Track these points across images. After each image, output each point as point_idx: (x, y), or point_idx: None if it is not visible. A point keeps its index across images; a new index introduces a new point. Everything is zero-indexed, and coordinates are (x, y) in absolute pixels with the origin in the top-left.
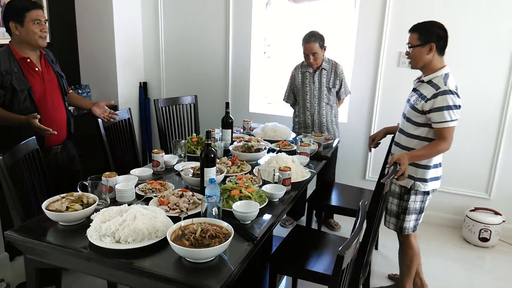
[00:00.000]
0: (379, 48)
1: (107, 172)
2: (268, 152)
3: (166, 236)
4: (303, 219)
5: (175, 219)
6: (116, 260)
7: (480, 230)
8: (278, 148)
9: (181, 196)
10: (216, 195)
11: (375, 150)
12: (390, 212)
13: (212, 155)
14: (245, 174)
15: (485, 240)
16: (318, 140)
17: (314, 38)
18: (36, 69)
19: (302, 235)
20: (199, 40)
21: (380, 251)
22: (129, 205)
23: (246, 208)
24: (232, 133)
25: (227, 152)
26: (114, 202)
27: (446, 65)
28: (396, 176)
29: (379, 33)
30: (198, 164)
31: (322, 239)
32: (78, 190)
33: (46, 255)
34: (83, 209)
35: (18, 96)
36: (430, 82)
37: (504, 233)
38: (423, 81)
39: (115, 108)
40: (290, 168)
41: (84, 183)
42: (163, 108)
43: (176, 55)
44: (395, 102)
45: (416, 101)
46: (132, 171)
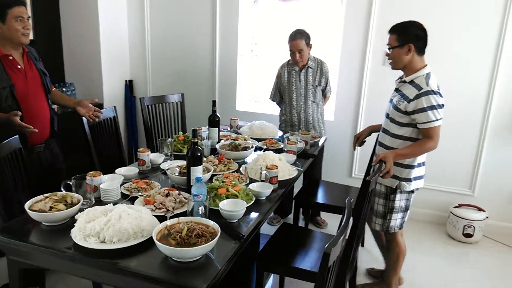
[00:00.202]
0: (365, 46)
1: (91, 171)
2: (255, 151)
3: (152, 236)
4: (290, 217)
5: (161, 219)
6: (101, 260)
7: (464, 226)
8: (265, 147)
9: (167, 195)
10: (203, 194)
11: (361, 147)
12: (376, 212)
13: (199, 154)
14: (232, 172)
15: (469, 236)
16: (305, 138)
17: (300, 35)
18: (19, 66)
19: (289, 233)
20: (186, 37)
21: (366, 248)
22: (114, 204)
23: (232, 207)
24: (219, 131)
25: (214, 151)
26: (99, 202)
27: (427, 64)
28: (382, 174)
29: (365, 31)
30: (184, 162)
31: (309, 236)
32: (62, 189)
33: (30, 256)
34: (67, 209)
35: (0, 94)
36: (412, 82)
37: (487, 229)
38: (405, 81)
39: (100, 106)
40: (277, 166)
41: (68, 182)
42: (149, 106)
43: (162, 52)
44: (380, 100)
45: (399, 101)
46: (117, 170)
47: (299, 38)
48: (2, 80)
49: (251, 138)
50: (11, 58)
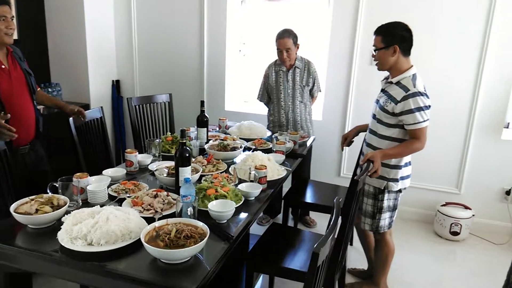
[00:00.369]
0: (352, 47)
1: (78, 173)
2: (244, 151)
3: (140, 238)
4: (280, 217)
5: (150, 220)
6: (89, 263)
7: (451, 224)
8: (254, 147)
9: (155, 196)
10: (191, 195)
11: (349, 147)
12: (365, 213)
13: (187, 154)
14: (220, 173)
15: (455, 234)
16: (293, 138)
17: (288, 34)
18: (3, 66)
19: (278, 233)
20: (173, 37)
21: (355, 247)
22: (101, 206)
23: (221, 207)
24: (207, 131)
25: (202, 151)
26: (86, 204)
27: (412, 65)
28: (369, 173)
29: (352, 32)
30: (172, 163)
31: (298, 236)
32: (48, 191)
33: (16, 260)
34: (53, 211)
35: None
36: (398, 83)
37: (474, 226)
38: (391, 82)
39: (86, 106)
40: (266, 166)
41: (54, 184)
42: (137, 107)
43: (150, 52)
44: (368, 100)
45: (386, 102)
46: (104, 172)
47: (286, 36)
48: None
49: (240, 138)
50: None
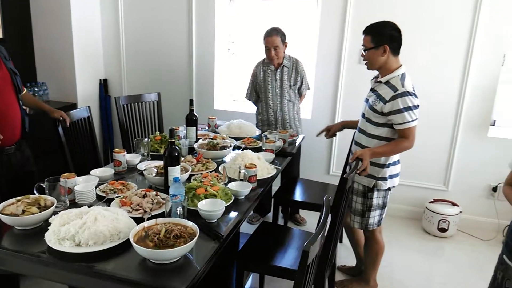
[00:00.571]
0: (341, 46)
1: (65, 173)
2: (233, 150)
3: (129, 238)
4: (270, 215)
5: (139, 220)
6: (77, 264)
7: (439, 221)
8: (244, 145)
9: (144, 196)
10: (181, 194)
11: (339, 145)
12: (354, 211)
13: (176, 154)
14: (210, 172)
15: (443, 230)
16: (283, 137)
17: (276, 32)
18: None
19: (268, 232)
20: (162, 35)
21: (344, 244)
22: (89, 207)
23: (211, 207)
24: (196, 130)
25: (192, 150)
26: (74, 204)
27: (401, 65)
28: (358, 171)
29: (341, 31)
30: (161, 163)
31: (289, 234)
32: (35, 192)
33: (2, 262)
34: (40, 212)
35: None
36: (387, 83)
37: (461, 223)
38: (380, 81)
39: (73, 106)
40: (255, 165)
41: (41, 185)
42: (125, 106)
43: (137, 51)
44: (357, 98)
45: (375, 102)
46: (92, 172)
47: (275, 34)
48: None
49: (230, 137)
50: None
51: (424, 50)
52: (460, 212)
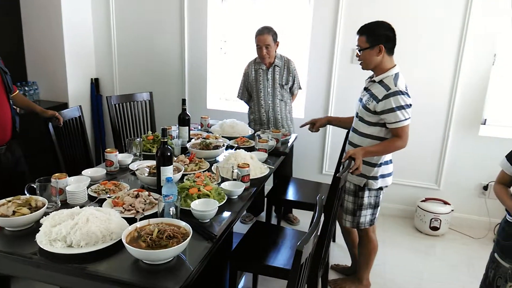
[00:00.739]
0: (333, 45)
1: (56, 173)
2: (226, 149)
3: (121, 239)
4: (263, 215)
5: (131, 221)
6: (69, 265)
7: (431, 219)
8: (237, 145)
9: (136, 196)
10: (174, 194)
11: (332, 144)
12: (346, 210)
13: (169, 153)
14: (203, 171)
15: (435, 229)
16: (276, 136)
17: (267, 31)
18: None
19: (262, 231)
20: (154, 34)
21: (338, 243)
22: (81, 207)
23: (204, 207)
24: (189, 130)
25: (184, 150)
26: (65, 205)
27: (395, 64)
28: (351, 170)
29: (333, 30)
30: (154, 162)
31: (282, 234)
32: (26, 193)
33: None
34: (31, 213)
35: None
36: (380, 82)
37: (453, 221)
38: (374, 81)
39: (65, 105)
40: (248, 164)
41: (32, 185)
42: (117, 105)
43: (129, 50)
44: (349, 98)
45: (368, 101)
46: (84, 172)
47: (266, 33)
48: None
49: (222, 137)
50: None
51: (415, 50)
52: (452, 210)
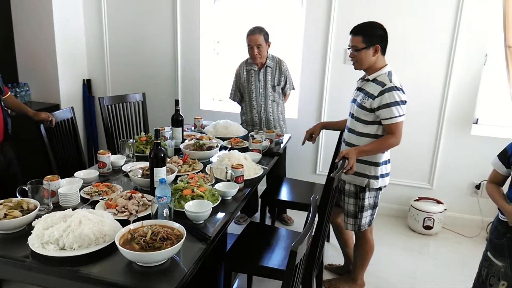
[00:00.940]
0: (326, 45)
1: (48, 176)
2: (220, 150)
3: (115, 241)
4: (257, 215)
5: (124, 223)
6: (61, 268)
7: (424, 218)
8: (230, 146)
9: (129, 198)
10: (167, 196)
11: (325, 145)
12: (347, 212)
13: (162, 155)
14: (197, 173)
15: (428, 228)
16: (269, 137)
17: (258, 31)
18: None
19: (256, 232)
20: (146, 35)
21: (332, 243)
22: (73, 209)
23: (198, 208)
24: (182, 131)
25: (178, 151)
26: (58, 207)
27: (387, 63)
28: (345, 170)
29: (326, 31)
30: (147, 164)
31: (276, 234)
32: (17, 195)
33: None
34: (23, 215)
35: None
36: (374, 80)
37: (446, 220)
38: (368, 80)
39: (57, 107)
40: (242, 165)
41: (24, 187)
42: (109, 106)
43: (121, 50)
44: (342, 98)
45: (364, 99)
46: (76, 174)
47: (258, 33)
48: None
49: (216, 138)
50: None
51: (407, 50)
52: (445, 209)
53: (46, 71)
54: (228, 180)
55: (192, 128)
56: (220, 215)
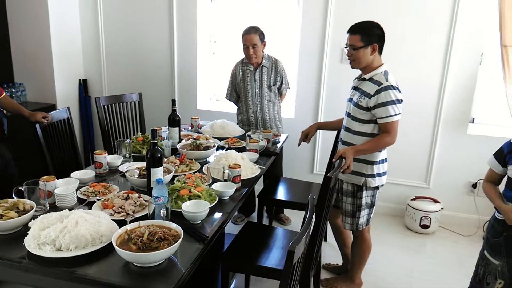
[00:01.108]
0: (323, 45)
1: (45, 176)
2: (217, 150)
3: (112, 241)
4: (254, 215)
5: (121, 223)
6: (58, 269)
7: (421, 217)
8: (227, 145)
9: (126, 198)
10: (164, 196)
11: (323, 144)
12: (345, 212)
13: (159, 155)
14: (194, 173)
15: (425, 227)
16: (266, 136)
17: (254, 30)
18: None
19: (253, 231)
20: (143, 35)
21: (329, 243)
22: (70, 210)
23: (195, 208)
24: (179, 131)
25: (175, 151)
26: (54, 208)
27: (383, 63)
28: (342, 169)
29: (322, 30)
30: (144, 164)
31: (274, 234)
32: (14, 196)
33: None
34: (19, 216)
35: None
36: (371, 79)
37: (443, 219)
38: (364, 79)
39: (53, 107)
40: (239, 165)
41: (20, 188)
42: (105, 106)
43: (118, 50)
44: (339, 97)
45: (360, 98)
46: (72, 174)
47: (253, 32)
48: None
49: (213, 137)
50: None
51: (403, 49)
52: (442, 208)
53: (42, 71)
54: (225, 180)
55: (189, 128)
56: (218, 215)
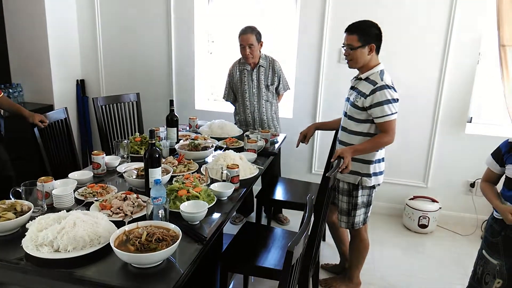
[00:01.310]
0: (320, 44)
1: (42, 177)
2: (215, 150)
3: (110, 242)
4: (253, 215)
5: (119, 224)
6: (56, 270)
7: (419, 217)
8: (225, 146)
9: (124, 199)
10: (162, 197)
11: (321, 144)
12: (341, 210)
13: (157, 155)
14: (192, 173)
15: (424, 226)
16: (265, 136)
17: (250, 30)
18: None
19: (252, 232)
20: (140, 35)
21: (327, 242)
22: (68, 211)
23: (194, 208)
24: (177, 131)
25: (173, 151)
26: (52, 209)
27: (380, 62)
28: (340, 169)
29: (320, 30)
30: (142, 164)
31: (272, 234)
32: (11, 197)
33: None
34: (16, 217)
35: None
36: (367, 79)
37: (441, 219)
38: (360, 78)
39: (50, 107)
40: (238, 165)
41: (18, 189)
42: (103, 107)
43: (115, 50)
44: (337, 97)
45: (356, 98)
46: (70, 175)
47: (249, 32)
48: None
49: (211, 138)
50: None
51: (401, 48)
52: (440, 208)
53: (40, 72)
54: (224, 180)
55: (187, 128)
56: (216, 215)
